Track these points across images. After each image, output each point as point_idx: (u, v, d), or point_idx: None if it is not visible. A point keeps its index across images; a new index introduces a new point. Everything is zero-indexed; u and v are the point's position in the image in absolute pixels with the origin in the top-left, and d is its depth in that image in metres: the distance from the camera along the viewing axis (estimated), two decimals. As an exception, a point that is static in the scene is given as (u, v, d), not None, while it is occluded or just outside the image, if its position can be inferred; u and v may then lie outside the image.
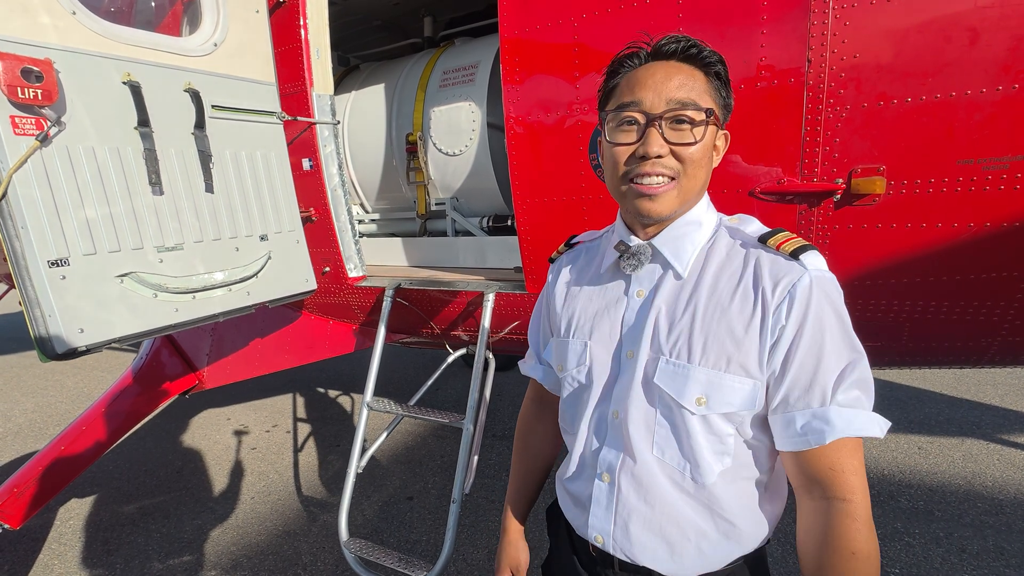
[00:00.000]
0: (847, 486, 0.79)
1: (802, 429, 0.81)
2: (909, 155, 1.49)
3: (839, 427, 0.78)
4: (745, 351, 0.83)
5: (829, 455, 0.80)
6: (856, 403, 0.79)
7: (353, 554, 2.19)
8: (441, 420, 2.26)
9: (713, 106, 0.86)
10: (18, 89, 1.47)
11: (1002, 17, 1.33)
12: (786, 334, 0.81)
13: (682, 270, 0.90)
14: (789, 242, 0.84)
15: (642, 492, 0.90)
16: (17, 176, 1.51)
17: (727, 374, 0.83)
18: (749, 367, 0.83)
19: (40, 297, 1.57)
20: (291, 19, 2.42)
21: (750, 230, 0.90)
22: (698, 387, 0.84)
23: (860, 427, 0.79)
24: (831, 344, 0.80)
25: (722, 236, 0.91)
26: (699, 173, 0.87)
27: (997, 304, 1.58)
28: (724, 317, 0.84)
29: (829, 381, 0.79)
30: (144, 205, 1.81)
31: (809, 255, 0.82)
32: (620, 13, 1.75)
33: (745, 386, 0.83)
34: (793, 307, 0.80)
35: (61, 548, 2.94)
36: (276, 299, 2.25)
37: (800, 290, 0.80)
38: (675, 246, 0.91)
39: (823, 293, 0.80)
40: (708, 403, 0.84)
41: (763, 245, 0.86)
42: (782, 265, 0.83)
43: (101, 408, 2.75)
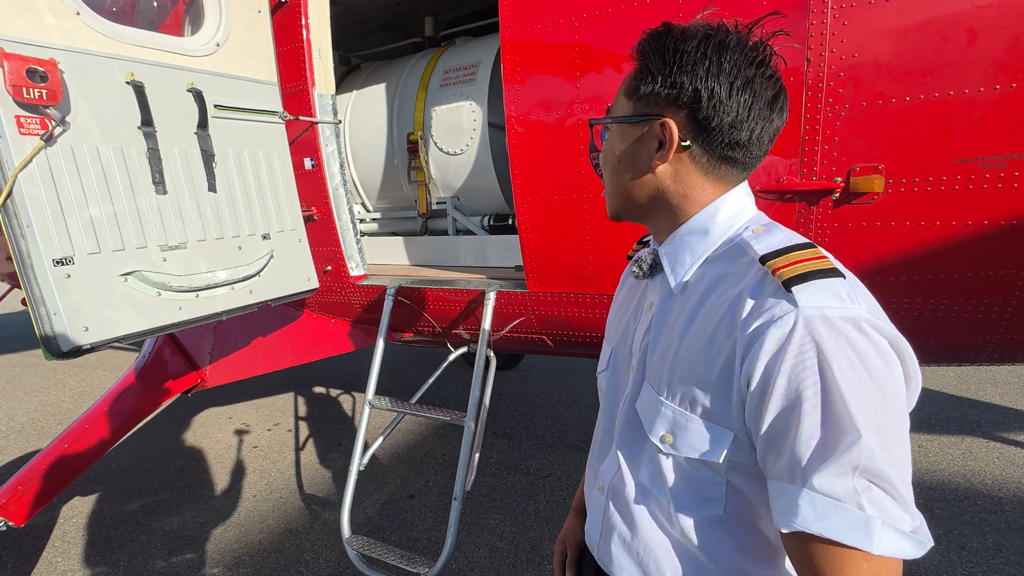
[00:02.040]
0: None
1: (775, 504, 0.66)
2: (907, 154, 1.50)
3: (806, 518, 0.61)
4: (712, 395, 0.70)
5: (812, 552, 0.63)
6: (849, 497, 0.60)
7: (356, 551, 2.20)
8: (443, 418, 2.27)
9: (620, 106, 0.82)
10: (23, 89, 1.49)
11: (999, 17, 1.34)
12: (753, 387, 0.65)
13: (675, 285, 0.80)
14: (793, 266, 0.66)
15: (627, 516, 0.85)
16: (22, 175, 1.52)
17: (693, 416, 0.72)
18: (716, 412, 0.70)
19: (45, 296, 1.58)
20: (293, 19, 2.43)
21: (762, 244, 0.72)
22: (665, 423, 0.76)
23: (837, 529, 0.60)
24: (811, 409, 0.61)
25: (731, 251, 0.76)
26: (609, 178, 0.85)
27: (995, 302, 1.59)
28: (695, 351, 0.73)
29: (803, 455, 0.62)
30: (147, 204, 1.82)
31: (811, 287, 0.64)
32: (620, 13, 1.76)
33: (710, 433, 0.71)
34: (758, 356, 0.64)
35: (65, 546, 2.96)
36: (278, 298, 2.27)
37: (774, 335, 0.63)
38: (675, 257, 0.81)
39: (812, 341, 0.61)
40: (674, 443, 0.74)
41: (763, 267, 0.69)
42: (767, 299, 0.66)
43: (104, 406, 2.77)
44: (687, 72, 0.72)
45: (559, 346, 2.59)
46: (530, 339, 2.60)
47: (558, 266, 2.16)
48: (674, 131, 0.75)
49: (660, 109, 0.76)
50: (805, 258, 0.67)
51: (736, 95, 0.72)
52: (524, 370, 5.40)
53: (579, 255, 2.08)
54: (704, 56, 0.71)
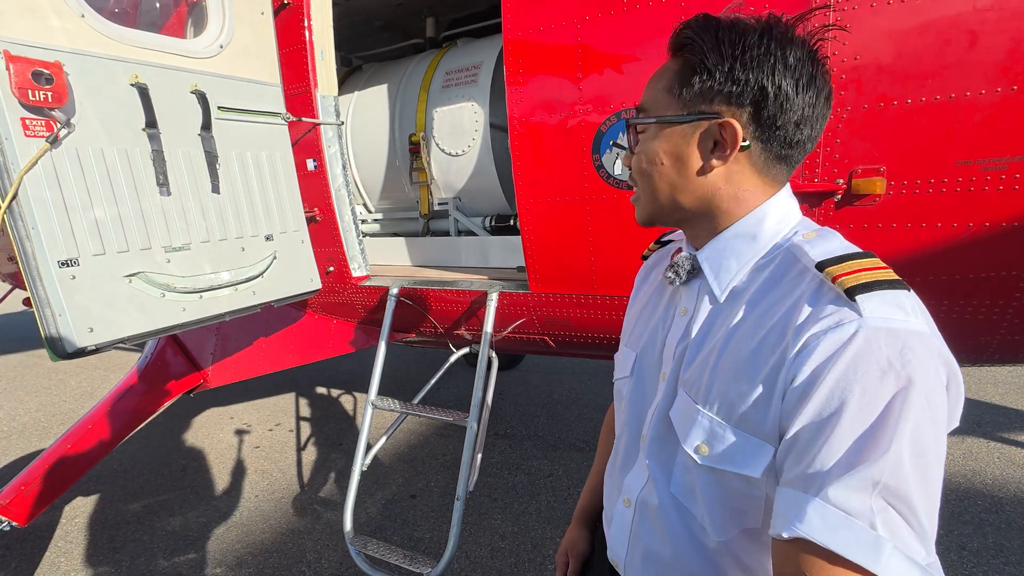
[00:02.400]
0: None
1: (777, 511, 0.62)
2: (909, 156, 1.51)
3: (812, 527, 0.57)
4: (754, 406, 0.66)
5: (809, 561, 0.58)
6: (863, 515, 0.55)
7: (358, 551, 2.21)
8: (445, 418, 2.28)
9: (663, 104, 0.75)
10: (29, 91, 1.49)
11: (1001, 20, 1.35)
12: (795, 389, 0.61)
13: (719, 292, 0.76)
14: (855, 274, 0.62)
15: (658, 530, 0.80)
16: (28, 177, 1.53)
17: (730, 425, 0.68)
18: (757, 424, 0.66)
19: (51, 297, 1.59)
20: (295, 20, 2.44)
21: (817, 251, 0.67)
22: (701, 433, 0.72)
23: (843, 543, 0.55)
24: (851, 418, 0.57)
25: (781, 257, 0.72)
26: (647, 183, 0.78)
27: (996, 303, 1.60)
28: (740, 360, 0.69)
29: (826, 465, 0.58)
30: (152, 206, 1.83)
31: (876, 296, 0.60)
32: (623, 16, 1.77)
33: (750, 445, 0.67)
34: (808, 357, 0.60)
35: (67, 545, 2.96)
36: (281, 298, 2.27)
37: (829, 340, 0.59)
38: (718, 263, 0.77)
39: (871, 351, 0.57)
40: (710, 454, 0.70)
41: (820, 274, 0.65)
42: (826, 306, 0.62)
43: (107, 407, 2.77)
44: (751, 67, 0.68)
45: (561, 347, 2.60)
46: (532, 340, 2.61)
47: (560, 267, 2.17)
48: (738, 131, 0.70)
49: (717, 107, 0.71)
50: (868, 267, 0.63)
51: (803, 92, 0.69)
52: (525, 370, 5.41)
53: (581, 256, 2.09)
54: (768, 51, 0.67)
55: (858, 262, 0.64)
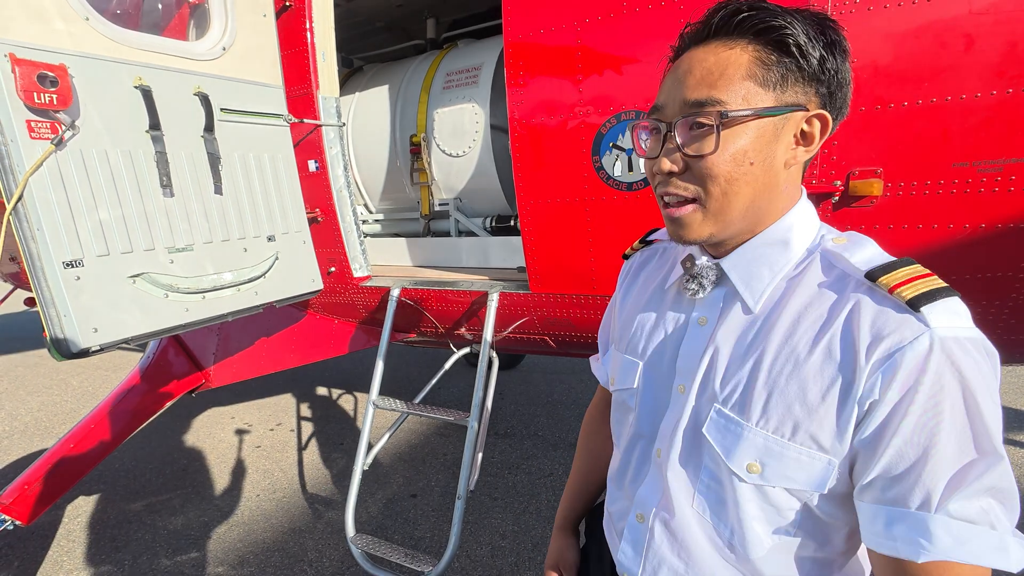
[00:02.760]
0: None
1: (888, 532, 0.61)
2: (906, 158, 1.52)
3: (944, 546, 0.58)
4: (819, 421, 0.64)
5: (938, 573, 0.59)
6: (981, 518, 0.58)
7: (360, 550, 2.22)
8: (446, 418, 2.29)
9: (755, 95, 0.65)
10: (34, 94, 1.51)
11: (996, 23, 1.36)
12: (878, 412, 0.61)
13: (753, 303, 0.72)
14: (912, 284, 0.61)
15: (676, 546, 0.78)
16: (33, 179, 1.54)
17: (792, 443, 0.66)
18: (822, 440, 0.64)
19: (55, 297, 1.60)
20: (297, 22, 2.45)
21: (858, 259, 0.66)
22: (752, 451, 0.68)
23: (979, 553, 0.57)
24: (951, 433, 0.58)
25: (816, 263, 0.70)
26: (731, 189, 0.67)
27: (992, 303, 1.61)
28: (797, 373, 0.66)
29: (940, 480, 0.58)
30: (155, 207, 1.84)
31: (939, 305, 0.60)
32: (623, 18, 1.78)
33: (815, 462, 0.65)
34: (895, 379, 0.59)
35: (70, 544, 2.98)
36: (283, 299, 2.29)
37: (911, 357, 0.59)
38: (748, 271, 0.72)
39: (950, 363, 0.58)
40: (763, 473, 0.68)
41: (871, 283, 0.64)
42: (891, 318, 0.61)
43: (109, 407, 2.79)
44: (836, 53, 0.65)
45: (561, 347, 2.61)
46: (532, 340, 2.62)
47: (560, 267, 2.18)
48: (829, 122, 0.67)
49: (803, 97, 0.66)
50: (919, 275, 0.62)
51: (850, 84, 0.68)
52: (525, 370, 5.43)
53: (581, 257, 2.11)
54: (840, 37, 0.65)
55: (907, 270, 0.63)
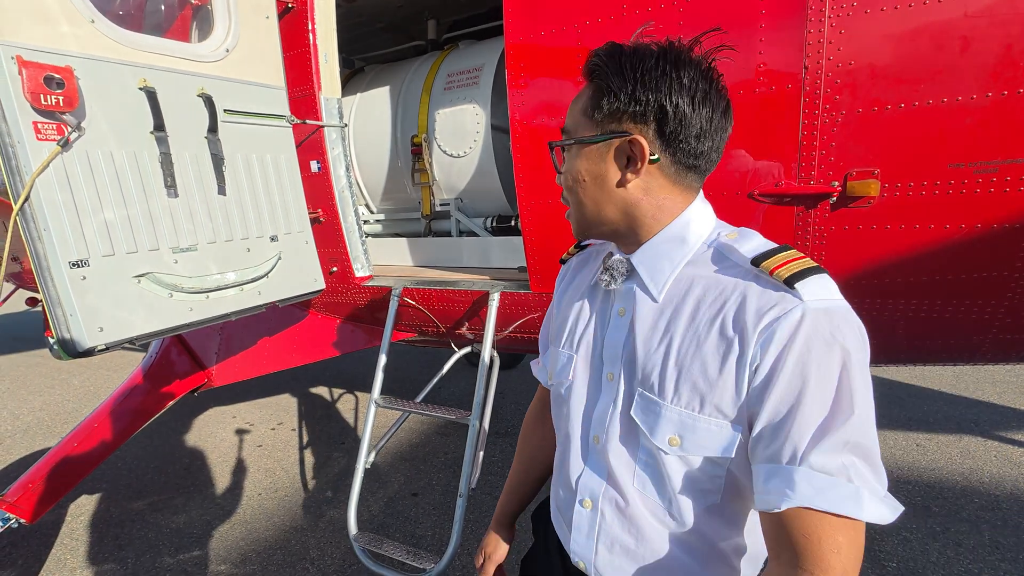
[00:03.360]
0: (820, 562, 0.66)
1: (765, 487, 0.70)
2: (903, 159, 1.54)
3: (803, 494, 0.66)
4: (720, 392, 0.74)
5: (803, 522, 0.67)
6: (841, 471, 0.66)
7: (362, 547, 2.24)
8: (448, 417, 2.31)
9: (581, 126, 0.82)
10: (41, 96, 1.52)
11: (992, 26, 1.38)
12: (760, 374, 0.70)
13: (656, 293, 0.82)
14: (787, 265, 0.72)
15: (626, 524, 0.85)
16: (40, 180, 1.56)
17: (701, 415, 0.75)
18: (725, 409, 0.74)
19: (62, 297, 1.62)
20: (299, 24, 2.47)
21: (746, 248, 0.77)
22: (671, 427, 0.77)
23: (837, 501, 0.65)
24: (815, 391, 0.67)
25: (709, 255, 0.81)
26: (578, 199, 0.84)
27: (988, 303, 1.63)
28: (699, 353, 0.75)
29: (804, 436, 0.67)
30: (160, 207, 1.86)
31: (809, 282, 0.70)
32: (623, 19, 1.80)
33: (723, 430, 0.74)
34: (771, 344, 0.69)
35: (73, 543, 3.00)
36: (286, 299, 2.31)
37: (786, 325, 0.68)
38: (652, 265, 0.83)
39: (818, 330, 0.68)
40: (683, 445, 0.77)
41: (756, 269, 0.74)
42: (772, 295, 0.71)
43: (112, 406, 2.80)
44: (651, 88, 0.75)
45: (561, 346, 2.63)
46: (533, 339, 2.64)
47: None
48: (644, 146, 0.77)
49: (625, 126, 0.78)
50: (794, 258, 0.73)
51: (699, 108, 0.76)
52: (525, 369, 5.44)
53: (582, 257, 2.12)
54: (665, 73, 0.75)
55: (785, 255, 0.74)
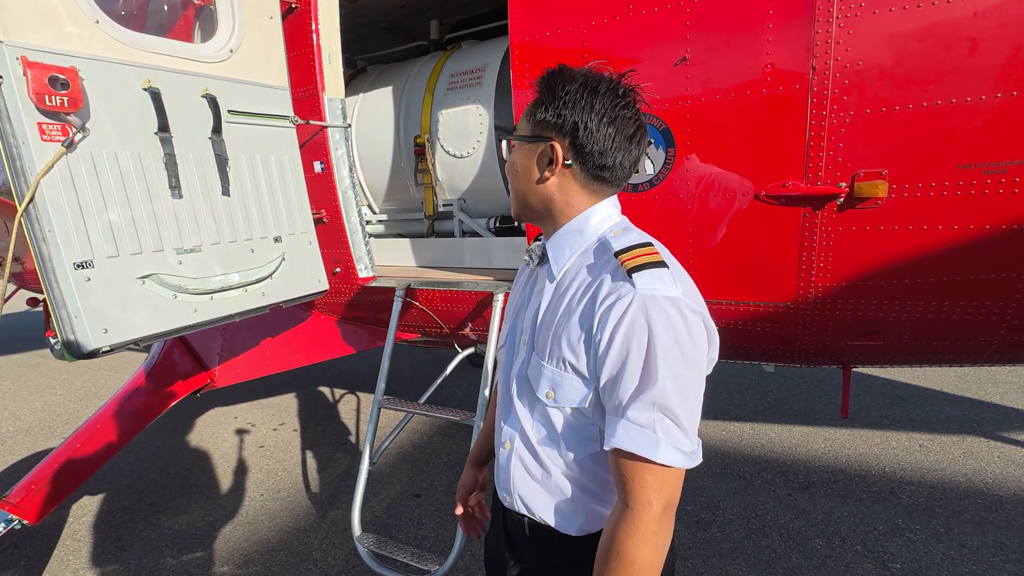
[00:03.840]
0: (632, 496, 0.86)
1: (605, 432, 0.90)
2: (911, 160, 1.54)
3: (619, 437, 0.86)
4: (578, 356, 0.92)
5: (622, 463, 0.87)
6: (650, 424, 0.84)
7: (366, 549, 2.24)
8: (452, 418, 2.30)
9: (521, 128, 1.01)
10: (46, 97, 1.52)
11: (1000, 27, 1.37)
12: (601, 346, 0.88)
13: (556, 273, 1.01)
14: (635, 259, 0.89)
15: (531, 459, 1.04)
16: (44, 181, 1.55)
17: (566, 373, 0.94)
18: (580, 369, 0.92)
19: (66, 298, 1.61)
20: (303, 24, 2.47)
21: (618, 243, 0.94)
22: (547, 382, 0.96)
23: (641, 446, 0.84)
24: (635, 363, 0.85)
25: (595, 248, 0.98)
26: (512, 186, 1.04)
27: (996, 304, 1.63)
28: (567, 324, 0.93)
29: (624, 395, 0.86)
30: (164, 208, 1.85)
31: (645, 274, 0.86)
32: (629, 21, 1.79)
33: (580, 385, 0.93)
34: (607, 322, 0.87)
35: (76, 544, 2.99)
36: (290, 299, 2.30)
37: (618, 307, 0.86)
38: (557, 251, 1.02)
39: (643, 313, 0.84)
40: (555, 397, 0.96)
41: (615, 260, 0.91)
42: (616, 284, 0.89)
43: (114, 407, 2.80)
44: (568, 107, 0.93)
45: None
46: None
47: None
48: (559, 152, 0.95)
49: (550, 133, 0.96)
50: (643, 253, 0.89)
51: (603, 129, 0.93)
52: (527, 370, 5.43)
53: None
54: (581, 96, 0.93)
55: (638, 250, 0.90)
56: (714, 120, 1.74)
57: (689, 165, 1.82)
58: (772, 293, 1.86)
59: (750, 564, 2.57)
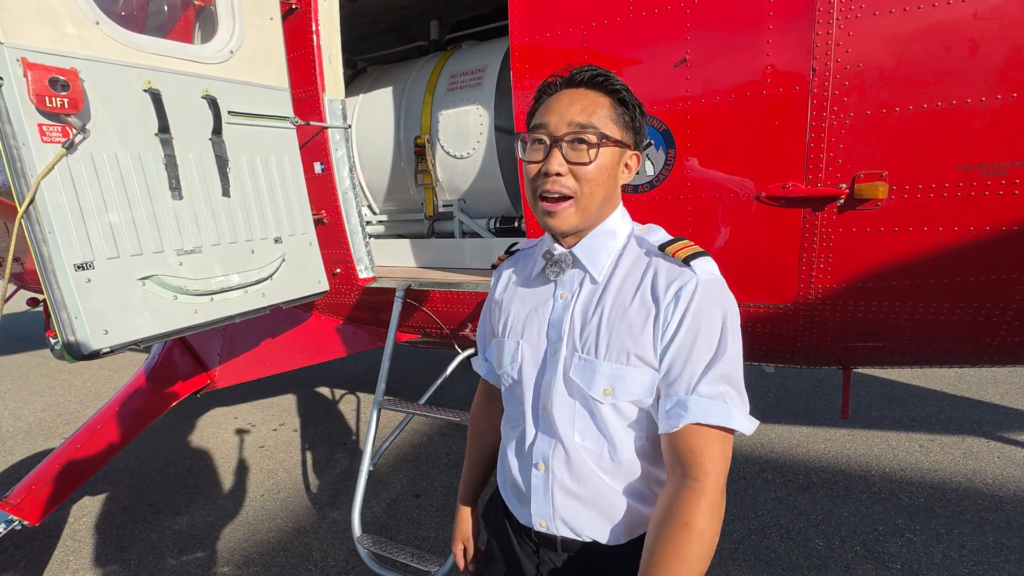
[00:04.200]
0: (701, 468, 0.87)
1: (667, 413, 0.91)
2: (911, 161, 1.54)
3: (694, 413, 0.88)
4: (642, 345, 0.93)
5: (690, 439, 0.88)
6: (719, 396, 0.88)
7: (366, 549, 2.24)
8: (451, 419, 2.30)
9: (614, 130, 0.95)
10: (46, 98, 1.52)
11: (1001, 28, 1.37)
12: (670, 329, 0.91)
13: (596, 275, 1.00)
14: (684, 249, 0.95)
15: (573, 474, 1.00)
16: (45, 182, 1.55)
17: (628, 367, 0.94)
18: (646, 358, 0.93)
19: (67, 300, 1.61)
20: (303, 25, 2.47)
21: (654, 239, 1.00)
22: (604, 379, 0.95)
23: (716, 417, 0.87)
24: (704, 340, 0.90)
25: (632, 245, 1.02)
26: (596, 191, 0.96)
27: (996, 305, 1.63)
28: (625, 317, 0.95)
29: (696, 372, 0.89)
30: (164, 209, 1.85)
31: (699, 261, 0.93)
32: (629, 22, 1.79)
33: (645, 375, 0.94)
34: (678, 306, 0.91)
35: (76, 545, 2.99)
36: (290, 300, 2.30)
37: (685, 291, 0.91)
38: (591, 254, 1.01)
39: (707, 295, 0.91)
40: (614, 393, 0.95)
41: (662, 253, 0.96)
42: (675, 270, 0.94)
43: (115, 407, 2.80)
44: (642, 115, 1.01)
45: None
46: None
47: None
48: (639, 160, 1.02)
49: (629, 141, 0.99)
50: (687, 245, 0.96)
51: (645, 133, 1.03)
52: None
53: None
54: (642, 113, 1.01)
55: (681, 243, 0.97)
56: (714, 121, 1.74)
57: (689, 166, 1.82)
58: (772, 294, 1.86)
59: (750, 564, 2.57)
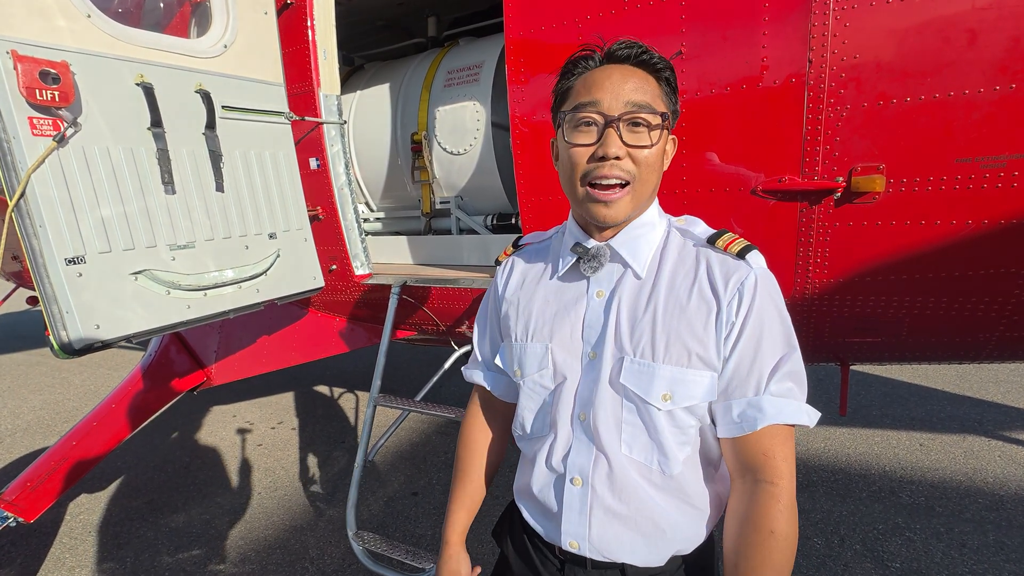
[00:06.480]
0: (776, 470, 0.83)
1: (738, 416, 0.86)
2: (908, 154, 1.52)
3: (770, 414, 0.83)
4: (704, 345, 0.86)
5: (762, 441, 0.84)
6: (788, 393, 0.84)
7: (361, 547, 2.23)
8: (448, 415, 2.29)
9: (666, 111, 0.87)
10: (36, 91, 1.51)
11: (999, 19, 1.36)
12: (735, 328, 0.85)
13: (640, 270, 0.92)
14: (735, 243, 0.89)
15: (616, 490, 0.91)
16: (35, 176, 1.54)
17: (689, 369, 0.87)
18: (709, 360, 0.86)
19: (58, 294, 1.61)
20: (298, 20, 2.45)
21: (698, 231, 0.94)
22: (663, 384, 0.87)
23: (790, 415, 0.84)
24: (769, 338, 0.85)
25: (674, 237, 0.95)
26: (651, 177, 0.88)
27: (995, 300, 1.61)
28: (684, 315, 0.87)
29: (765, 372, 0.84)
30: (157, 204, 1.85)
31: (753, 255, 0.88)
32: (624, 14, 1.78)
33: (705, 378, 0.87)
34: (741, 302, 0.85)
35: (72, 542, 2.99)
36: (285, 296, 2.29)
37: (747, 287, 0.85)
38: (632, 247, 0.93)
39: (765, 290, 0.86)
40: (673, 398, 0.87)
41: (711, 246, 0.90)
42: (731, 264, 0.88)
43: (111, 405, 2.79)
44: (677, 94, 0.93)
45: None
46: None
47: (562, 265, 2.18)
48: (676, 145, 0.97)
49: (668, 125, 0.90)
50: (736, 238, 0.90)
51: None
52: (526, 369, 5.42)
53: (583, 254, 2.10)
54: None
55: (729, 235, 0.91)
56: (710, 114, 1.73)
57: (684, 160, 1.81)
58: (769, 289, 1.84)
59: (748, 563, 2.55)
